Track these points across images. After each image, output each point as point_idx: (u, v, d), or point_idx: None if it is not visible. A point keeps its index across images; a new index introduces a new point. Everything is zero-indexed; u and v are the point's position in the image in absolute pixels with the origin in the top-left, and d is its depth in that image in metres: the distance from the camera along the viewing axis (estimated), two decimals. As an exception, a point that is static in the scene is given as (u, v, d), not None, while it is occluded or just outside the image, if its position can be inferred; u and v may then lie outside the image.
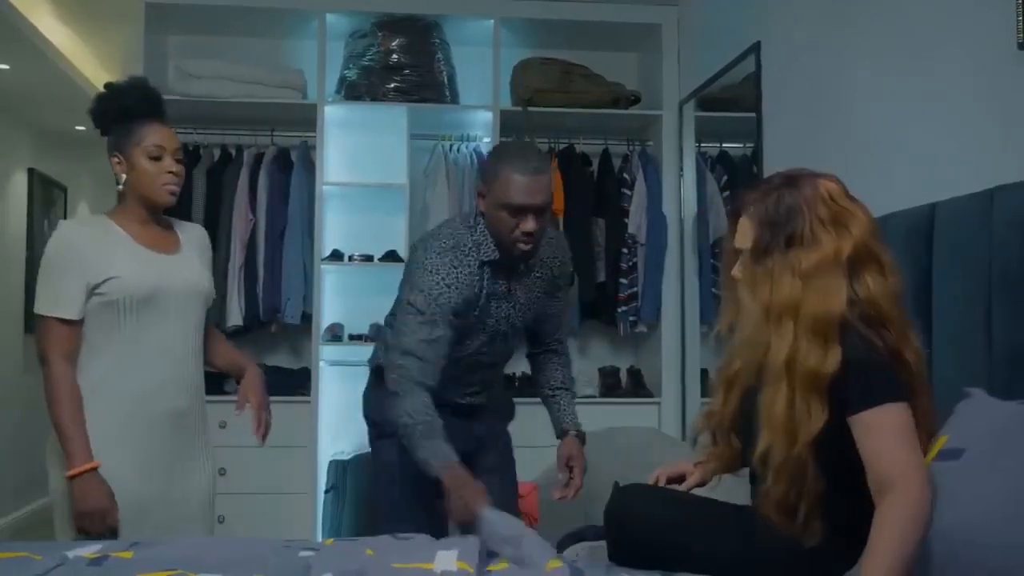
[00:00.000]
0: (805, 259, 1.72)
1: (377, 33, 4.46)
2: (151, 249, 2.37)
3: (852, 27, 2.88)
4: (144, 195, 2.37)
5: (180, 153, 2.42)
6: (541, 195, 2.36)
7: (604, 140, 4.72)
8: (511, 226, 2.35)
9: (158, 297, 2.31)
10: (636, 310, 4.50)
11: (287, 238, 4.39)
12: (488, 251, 2.42)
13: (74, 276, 2.25)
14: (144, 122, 2.36)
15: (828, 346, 1.66)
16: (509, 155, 2.41)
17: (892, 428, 1.63)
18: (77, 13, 5.05)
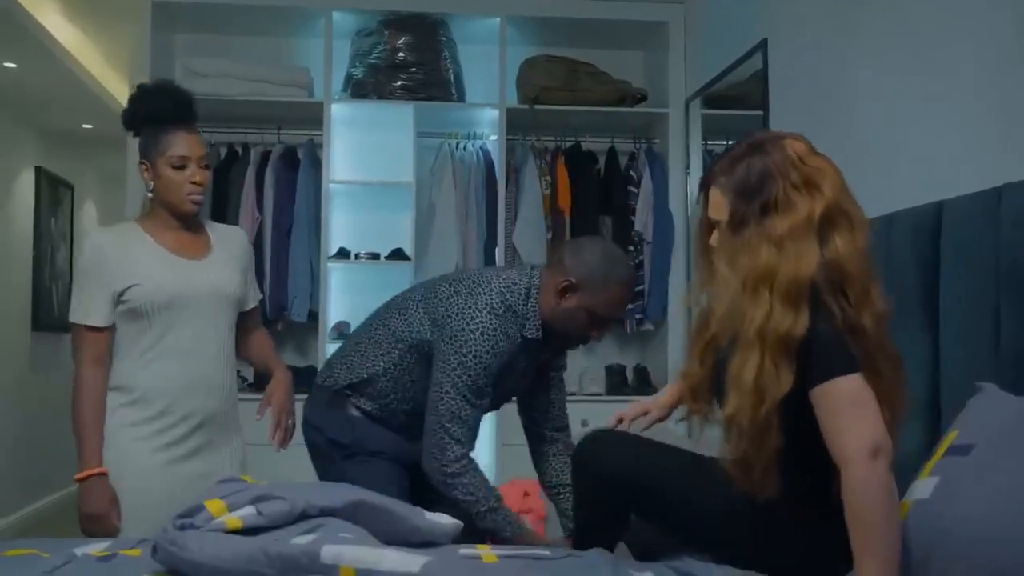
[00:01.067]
0: (780, 225, 1.70)
1: (383, 31, 4.47)
2: (178, 254, 2.40)
3: (858, 25, 2.88)
4: (169, 204, 2.39)
5: (207, 160, 2.44)
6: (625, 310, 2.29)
7: (610, 138, 4.72)
8: (584, 329, 2.30)
9: (181, 302, 2.34)
10: (643, 308, 4.50)
11: (293, 236, 4.40)
12: (533, 329, 2.30)
13: (101, 284, 2.31)
14: (170, 130, 2.37)
15: (798, 310, 1.65)
16: (620, 264, 2.32)
17: (839, 403, 1.62)
18: (84, 11, 5.06)
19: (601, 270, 2.26)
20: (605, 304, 2.27)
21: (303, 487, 1.93)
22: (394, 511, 1.91)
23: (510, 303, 2.29)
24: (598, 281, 2.25)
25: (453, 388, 2.24)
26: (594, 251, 2.31)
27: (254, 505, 1.79)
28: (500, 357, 2.26)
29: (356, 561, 1.62)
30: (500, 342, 2.25)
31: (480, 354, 2.23)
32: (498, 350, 2.25)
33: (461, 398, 2.24)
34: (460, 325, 2.26)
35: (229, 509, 1.77)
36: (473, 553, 1.88)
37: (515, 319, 2.29)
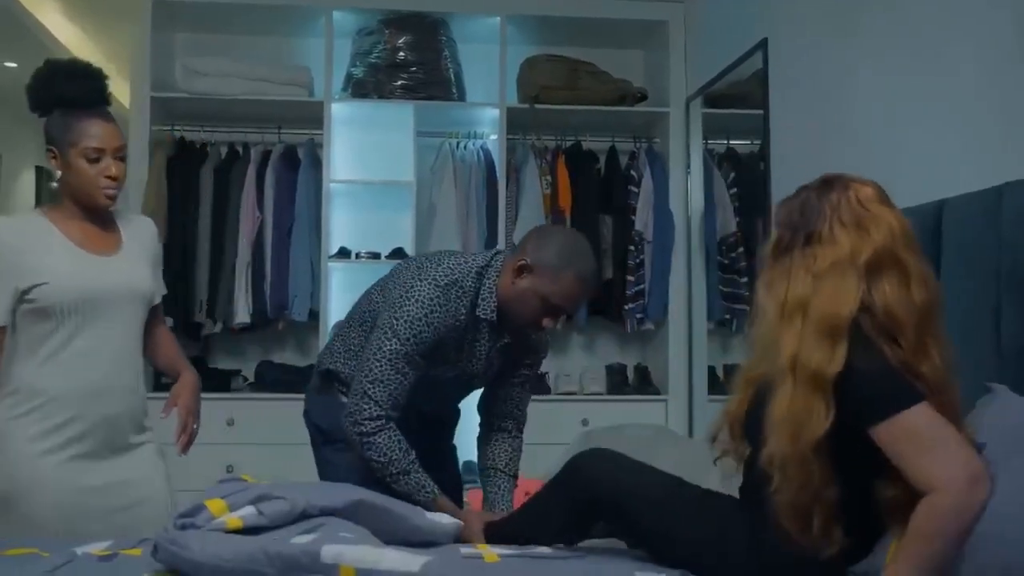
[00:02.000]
0: (821, 257, 1.69)
1: (384, 31, 4.46)
2: (87, 250, 2.21)
3: (859, 24, 2.88)
4: (79, 197, 2.21)
5: (124, 151, 2.24)
6: (579, 307, 2.30)
7: (611, 137, 4.71)
8: (536, 316, 2.27)
9: (91, 302, 2.17)
10: (643, 307, 4.49)
11: (294, 235, 4.39)
12: (488, 309, 2.30)
13: (1, 281, 2.12)
14: (82, 117, 2.17)
15: (834, 347, 1.62)
16: (578, 257, 2.27)
17: (914, 435, 1.57)
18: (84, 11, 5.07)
19: (560, 257, 2.24)
20: (557, 293, 2.23)
21: (304, 487, 1.94)
22: (394, 511, 1.91)
23: (456, 278, 2.28)
24: (554, 267, 2.23)
25: (380, 351, 2.23)
26: (559, 239, 2.31)
27: (255, 505, 1.79)
28: (436, 329, 2.24)
29: (356, 561, 1.62)
30: (435, 313, 2.23)
31: (412, 320, 2.22)
32: (432, 320, 2.23)
33: (387, 361, 2.22)
34: (400, 293, 2.27)
35: (230, 509, 1.77)
36: (474, 552, 1.88)
37: (461, 294, 2.27)
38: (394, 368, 2.22)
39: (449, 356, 2.33)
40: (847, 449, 1.64)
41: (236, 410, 4.23)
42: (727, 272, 4.25)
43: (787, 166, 3.41)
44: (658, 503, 1.88)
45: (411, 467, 2.22)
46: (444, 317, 2.25)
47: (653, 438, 3.47)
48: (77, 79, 2.22)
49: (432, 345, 2.25)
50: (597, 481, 1.93)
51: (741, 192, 4.28)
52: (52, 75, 2.23)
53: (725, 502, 1.89)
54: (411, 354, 2.22)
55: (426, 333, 2.23)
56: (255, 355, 4.61)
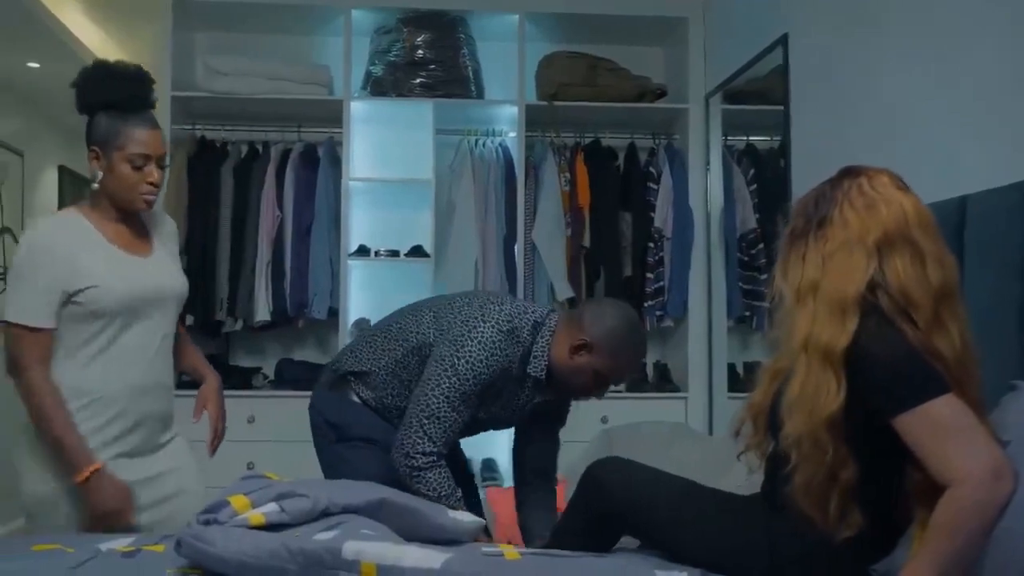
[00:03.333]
0: (831, 238, 1.70)
1: (402, 29, 4.47)
2: (127, 252, 2.22)
3: (880, 18, 2.86)
4: (117, 200, 2.20)
5: (166, 159, 2.26)
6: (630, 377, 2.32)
7: (630, 134, 4.70)
8: (589, 387, 2.35)
9: (135, 303, 2.18)
10: (663, 304, 4.49)
11: (313, 234, 4.41)
12: (538, 368, 2.34)
13: (49, 284, 2.11)
14: (130, 121, 2.16)
15: (844, 322, 1.63)
16: (635, 335, 2.36)
17: (939, 428, 1.54)
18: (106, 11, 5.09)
19: (618, 337, 2.31)
20: (615, 369, 2.33)
21: (327, 484, 1.95)
22: (418, 509, 1.92)
23: (516, 326, 2.32)
24: (614, 347, 2.30)
25: (439, 388, 2.25)
26: (615, 316, 2.34)
27: (277, 502, 1.79)
28: (493, 372, 2.27)
29: (378, 557, 1.62)
30: (495, 356, 2.27)
31: (474, 362, 2.25)
32: (492, 363, 2.27)
33: (444, 398, 2.25)
34: (462, 331, 2.30)
35: (253, 505, 1.78)
36: (496, 551, 1.88)
37: (517, 344, 2.32)
38: (451, 406, 2.25)
39: (493, 400, 2.37)
40: (869, 434, 1.63)
41: (257, 407, 4.25)
42: (747, 269, 4.23)
43: (808, 162, 3.39)
44: (674, 512, 1.88)
45: (457, 504, 2.24)
46: (502, 361, 2.29)
47: (673, 436, 3.47)
48: (127, 82, 2.20)
49: (487, 387, 2.30)
50: (612, 494, 1.94)
51: (761, 188, 4.26)
52: (102, 76, 2.21)
53: (742, 503, 1.88)
54: (469, 394, 2.26)
55: (484, 375, 2.26)
56: (275, 353, 4.63)
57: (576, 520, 2.03)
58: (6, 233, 5.58)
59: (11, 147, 5.62)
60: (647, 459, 2.31)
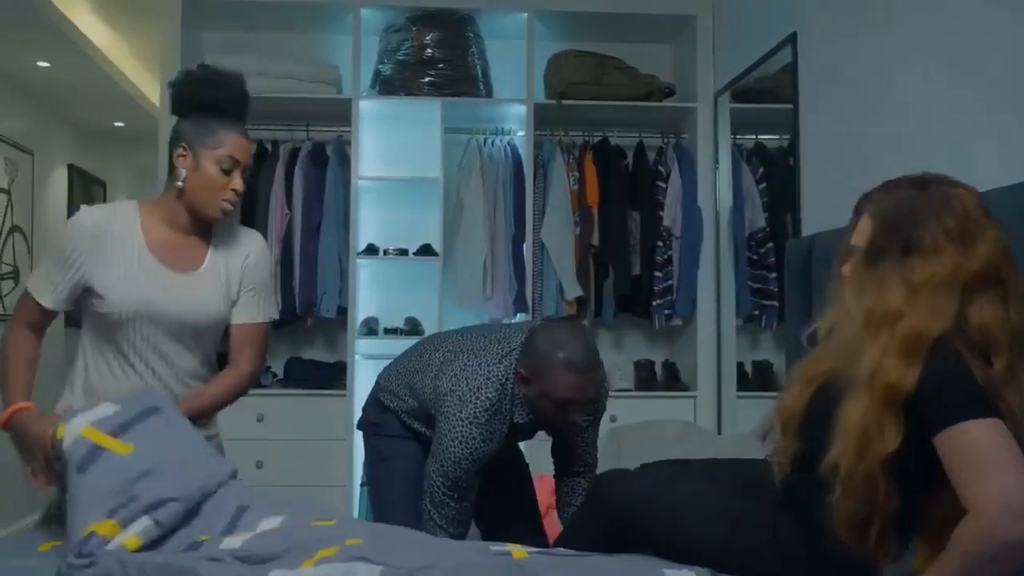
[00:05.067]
0: (920, 270, 1.58)
1: (411, 28, 4.47)
2: (162, 262, 2.16)
3: (890, 16, 2.84)
4: (197, 203, 2.16)
5: (250, 171, 2.24)
6: (593, 390, 2.29)
7: (639, 133, 4.70)
8: (556, 416, 2.32)
9: (146, 317, 2.13)
10: (671, 303, 4.48)
11: (322, 232, 4.41)
12: (522, 415, 2.38)
13: (67, 272, 2.11)
14: (229, 125, 2.16)
15: (916, 363, 1.53)
16: (560, 345, 2.27)
17: (974, 449, 1.46)
18: (115, 10, 5.11)
19: (543, 356, 2.27)
20: (557, 388, 2.25)
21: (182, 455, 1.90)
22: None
23: (496, 403, 2.35)
24: (541, 367, 2.27)
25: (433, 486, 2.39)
26: (544, 337, 2.32)
27: (149, 515, 1.73)
28: (482, 456, 2.35)
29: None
30: (479, 448, 2.34)
31: (459, 461, 2.34)
32: (477, 453, 2.34)
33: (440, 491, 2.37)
34: (446, 429, 2.36)
35: (122, 526, 1.70)
36: (504, 549, 1.88)
37: (500, 419, 2.37)
38: (448, 496, 2.37)
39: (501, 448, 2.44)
40: (911, 459, 1.57)
41: (265, 406, 4.26)
42: (756, 268, 4.22)
43: (817, 160, 3.38)
44: (687, 522, 1.84)
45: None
46: (488, 445, 2.36)
47: (682, 435, 3.46)
48: (227, 87, 2.21)
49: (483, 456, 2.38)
50: (621, 509, 1.91)
51: (770, 187, 4.26)
52: (203, 79, 2.22)
53: (756, 507, 1.84)
54: (462, 479, 2.36)
55: (469, 463, 2.35)
56: (284, 351, 4.64)
57: (583, 539, 2.01)
58: (16, 232, 5.60)
59: (21, 146, 5.64)
60: (655, 458, 2.32)
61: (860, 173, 2.99)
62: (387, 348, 4.37)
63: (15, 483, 2.18)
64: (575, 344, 2.29)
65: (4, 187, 5.39)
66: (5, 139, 5.38)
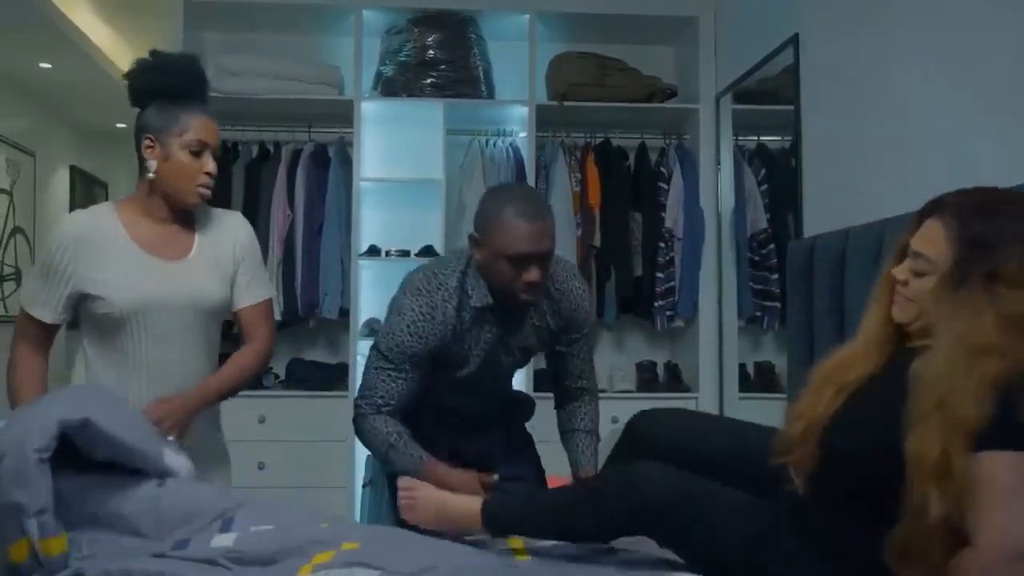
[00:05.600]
0: (1015, 302, 1.51)
1: (413, 29, 4.47)
2: (152, 254, 2.15)
3: (891, 17, 2.85)
4: (173, 191, 2.15)
5: (219, 150, 2.22)
6: (546, 241, 2.17)
7: (640, 134, 4.70)
8: (511, 277, 2.18)
9: (148, 311, 2.12)
10: (673, 305, 4.48)
11: (324, 233, 4.41)
12: (480, 297, 2.27)
13: (59, 283, 2.11)
14: (190, 108, 2.13)
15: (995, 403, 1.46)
16: (508, 199, 2.19)
17: (997, 480, 1.42)
18: (117, 11, 5.12)
19: (492, 211, 2.18)
20: (508, 242, 2.14)
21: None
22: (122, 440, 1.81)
23: (439, 280, 2.28)
24: (490, 222, 2.18)
25: (368, 364, 2.33)
26: (492, 195, 2.28)
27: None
28: (425, 339, 2.25)
29: None
30: (419, 322, 2.25)
31: (394, 333, 2.26)
32: (416, 330, 2.24)
33: (374, 371, 2.30)
34: (390, 308, 2.33)
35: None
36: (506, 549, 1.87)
37: (448, 296, 2.26)
38: (378, 378, 2.29)
39: (458, 356, 2.33)
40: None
41: (267, 407, 4.26)
42: (758, 269, 4.23)
43: (819, 161, 3.38)
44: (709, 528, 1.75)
45: (397, 442, 2.26)
46: (432, 325, 2.25)
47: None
48: (179, 70, 2.18)
49: (425, 353, 2.27)
50: (657, 502, 1.78)
51: (771, 188, 4.26)
52: (154, 66, 2.18)
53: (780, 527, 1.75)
54: (399, 364, 2.27)
55: (410, 343, 2.25)
56: (286, 353, 4.65)
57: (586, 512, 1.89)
58: (18, 233, 5.61)
59: (23, 147, 5.65)
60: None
61: (861, 174, 3.01)
62: (389, 349, 4.38)
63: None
64: (523, 195, 2.24)
65: (6, 188, 5.40)
66: (7, 140, 5.40)
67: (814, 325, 2.84)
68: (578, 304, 2.43)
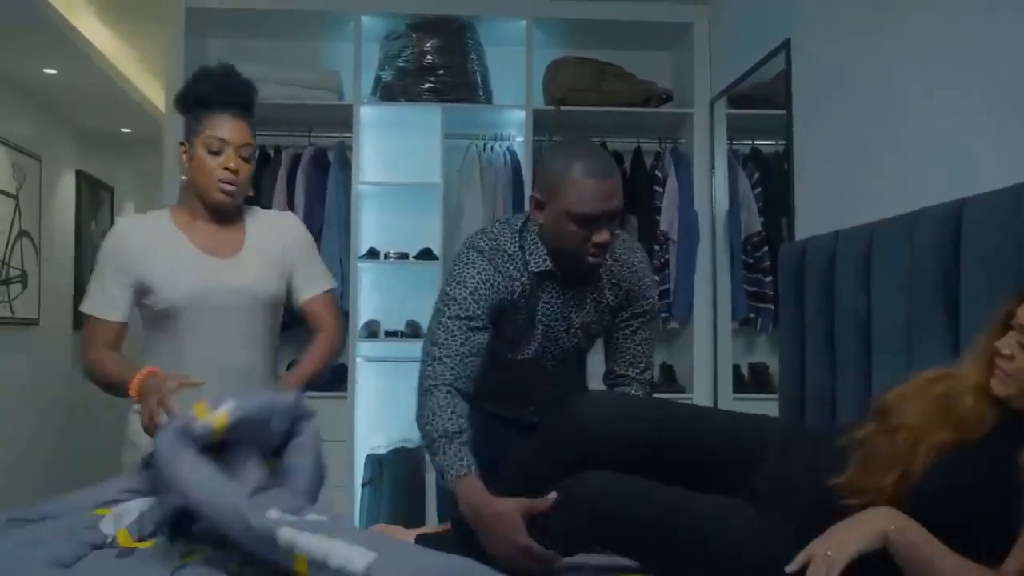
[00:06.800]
0: None
1: (411, 35, 4.52)
2: (207, 253, 2.25)
3: (882, 22, 2.86)
4: (199, 191, 2.25)
5: (249, 151, 2.26)
6: (615, 200, 2.07)
7: (636, 138, 4.74)
8: (579, 238, 2.09)
9: (203, 307, 2.21)
10: (668, 306, 4.52)
11: (324, 236, 4.45)
12: (539, 261, 2.19)
13: (119, 279, 2.20)
14: (214, 112, 2.23)
15: None
16: (577, 156, 2.10)
17: None
18: (120, 17, 5.18)
19: (558, 169, 2.11)
20: (576, 201, 2.07)
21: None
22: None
23: (499, 240, 2.21)
24: (558, 181, 2.10)
25: (434, 319, 2.19)
26: (557, 152, 2.19)
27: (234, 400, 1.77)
28: (491, 293, 2.16)
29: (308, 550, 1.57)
30: (483, 274, 2.17)
31: (461, 280, 2.17)
32: (484, 281, 2.16)
33: (442, 327, 2.15)
34: (453, 265, 2.25)
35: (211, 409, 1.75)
36: None
37: (508, 258, 2.20)
38: (450, 336, 2.14)
39: (521, 327, 2.26)
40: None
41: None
42: (752, 271, 4.27)
43: (810, 166, 3.42)
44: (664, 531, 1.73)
45: (455, 437, 2.03)
46: (500, 278, 2.18)
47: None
48: (214, 79, 2.29)
49: (495, 306, 2.18)
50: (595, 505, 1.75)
51: (765, 192, 4.30)
52: (198, 77, 2.31)
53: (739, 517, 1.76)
54: (473, 315, 2.15)
55: (483, 290, 2.16)
56: (286, 354, 4.60)
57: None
58: (24, 236, 5.67)
59: (29, 152, 5.71)
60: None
61: (852, 177, 3.04)
62: (388, 351, 4.45)
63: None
64: (591, 152, 2.16)
65: (12, 192, 5.46)
66: (11, 144, 5.45)
67: (805, 326, 2.87)
68: (640, 276, 2.33)
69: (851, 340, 2.57)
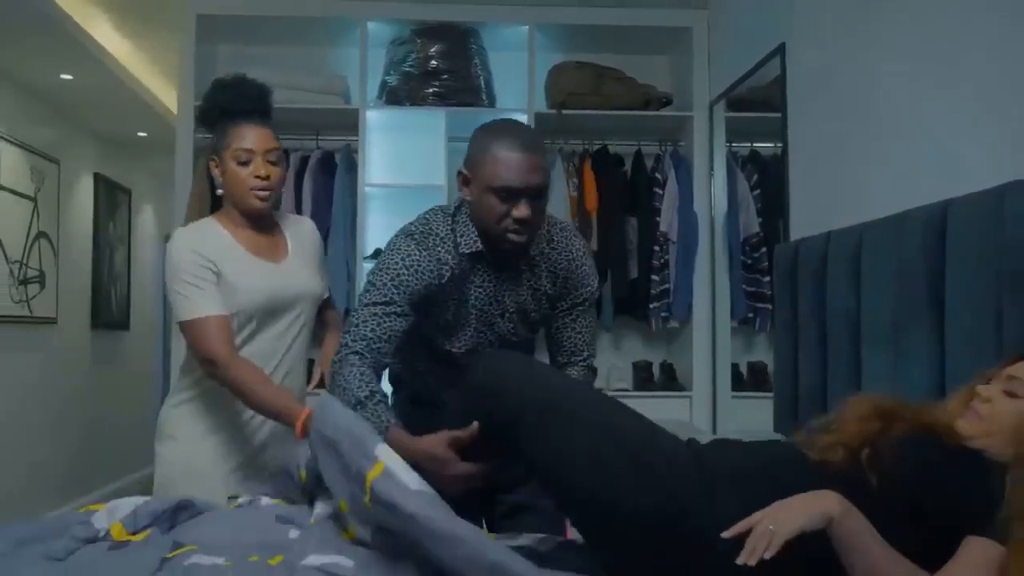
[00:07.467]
0: None
1: (416, 40, 4.59)
2: (262, 259, 2.34)
3: (875, 25, 2.88)
4: (236, 201, 2.33)
5: (276, 155, 2.33)
6: (536, 175, 2.05)
7: (637, 141, 4.80)
8: (500, 213, 2.08)
9: (270, 309, 2.31)
10: (668, 306, 4.58)
11: (331, 238, 4.52)
12: (469, 242, 2.17)
13: (207, 278, 2.24)
14: (237, 123, 2.30)
15: None
16: (497, 131, 2.11)
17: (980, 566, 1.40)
18: (133, 24, 5.27)
19: (482, 145, 2.10)
20: (496, 174, 2.05)
21: None
22: None
23: (430, 225, 2.20)
24: (481, 156, 2.09)
25: (360, 301, 2.20)
26: (479, 130, 2.18)
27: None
28: (419, 276, 2.14)
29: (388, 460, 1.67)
30: (410, 258, 2.15)
31: (384, 268, 2.16)
32: (410, 264, 2.14)
33: (364, 308, 2.15)
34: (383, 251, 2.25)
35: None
36: None
37: (438, 241, 2.18)
38: (367, 315, 2.14)
39: (453, 312, 2.24)
40: None
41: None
42: (750, 271, 4.32)
43: (805, 168, 3.45)
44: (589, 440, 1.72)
45: (367, 400, 2.06)
46: (427, 262, 2.16)
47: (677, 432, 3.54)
48: (232, 89, 2.37)
49: (419, 291, 2.16)
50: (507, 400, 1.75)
51: (764, 193, 4.35)
52: (215, 90, 2.39)
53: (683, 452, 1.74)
54: (391, 298, 2.14)
55: (405, 276, 2.14)
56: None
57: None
58: (42, 237, 5.80)
59: (47, 155, 5.83)
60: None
61: (843, 180, 3.07)
62: (392, 349, 4.51)
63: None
64: (515, 128, 2.16)
65: (30, 195, 5.58)
66: (30, 148, 5.57)
67: (799, 325, 2.91)
68: (578, 264, 2.31)
69: (842, 339, 2.61)
